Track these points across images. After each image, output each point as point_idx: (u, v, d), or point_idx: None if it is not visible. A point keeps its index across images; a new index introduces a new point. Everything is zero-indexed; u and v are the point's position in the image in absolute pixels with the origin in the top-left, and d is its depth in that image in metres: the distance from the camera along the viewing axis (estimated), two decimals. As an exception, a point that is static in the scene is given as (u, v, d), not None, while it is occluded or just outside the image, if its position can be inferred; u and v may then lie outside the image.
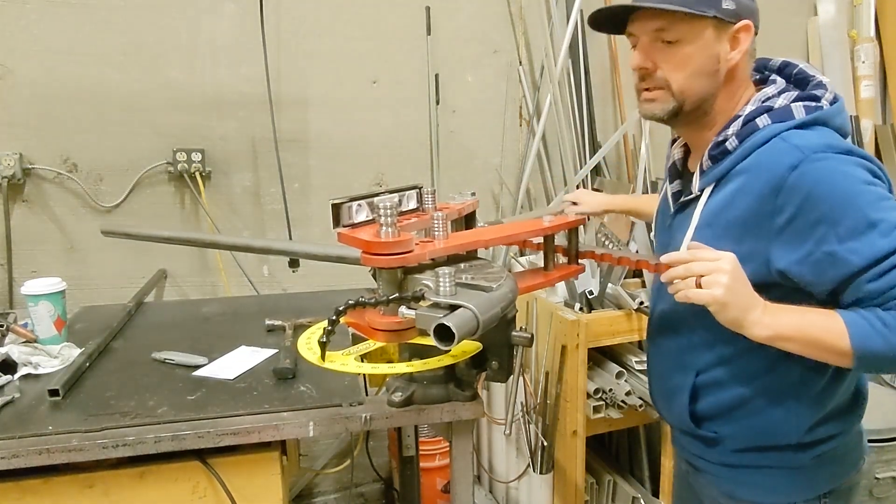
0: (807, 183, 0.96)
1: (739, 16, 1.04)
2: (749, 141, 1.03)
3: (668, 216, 1.21)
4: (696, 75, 1.05)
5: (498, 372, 1.21)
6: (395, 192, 1.28)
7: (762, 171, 1.00)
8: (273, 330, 1.70)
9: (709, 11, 1.01)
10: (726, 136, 1.06)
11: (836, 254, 0.95)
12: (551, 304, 2.12)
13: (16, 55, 2.04)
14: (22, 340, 1.55)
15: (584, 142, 2.59)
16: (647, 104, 1.11)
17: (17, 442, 1.15)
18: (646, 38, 1.07)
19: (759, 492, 1.16)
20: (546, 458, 2.15)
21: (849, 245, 0.94)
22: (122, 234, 1.65)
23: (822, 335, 0.96)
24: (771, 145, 1.01)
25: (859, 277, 0.95)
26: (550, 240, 1.36)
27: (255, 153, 2.31)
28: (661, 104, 1.08)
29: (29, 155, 2.09)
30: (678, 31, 1.03)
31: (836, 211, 0.95)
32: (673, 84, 1.06)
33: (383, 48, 2.40)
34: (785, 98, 1.05)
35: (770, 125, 1.03)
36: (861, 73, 3.06)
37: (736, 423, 1.14)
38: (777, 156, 0.99)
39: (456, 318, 0.95)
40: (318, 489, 2.56)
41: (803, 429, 1.11)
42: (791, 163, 0.97)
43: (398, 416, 1.27)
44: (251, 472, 1.27)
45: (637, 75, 1.10)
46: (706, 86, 1.06)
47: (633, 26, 1.08)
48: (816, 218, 0.96)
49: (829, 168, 0.96)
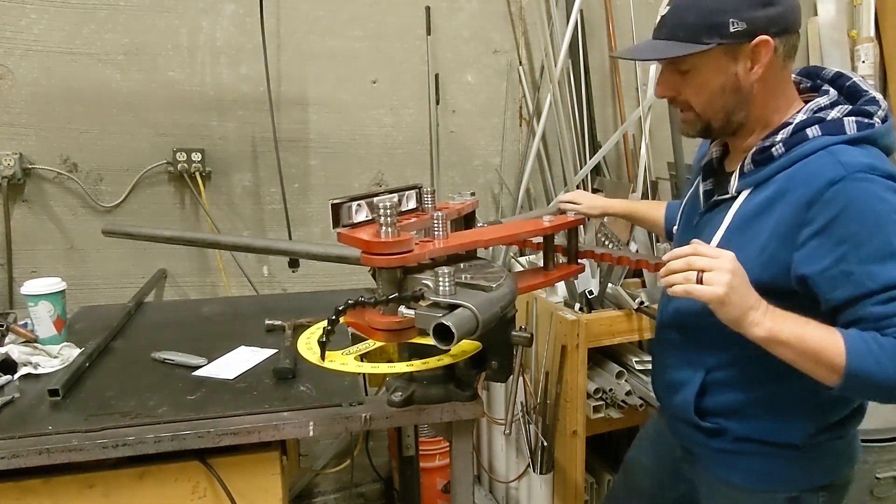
0: (842, 200, 0.97)
1: (753, 33, 1.03)
2: (796, 150, 1.04)
3: (696, 214, 1.22)
4: (716, 97, 1.08)
5: (498, 372, 1.21)
6: (395, 192, 1.28)
7: (803, 182, 1.01)
8: (273, 330, 1.70)
9: (712, 42, 1.02)
10: (773, 143, 1.07)
11: (852, 274, 0.97)
12: (551, 304, 2.12)
13: (16, 55, 2.04)
14: (22, 340, 1.55)
15: (584, 142, 2.59)
16: (683, 124, 1.16)
17: (17, 442, 1.15)
18: (665, 68, 1.12)
19: (756, 478, 1.17)
20: (546, 458, 2.15)
21: (868, 268, 0.96)
22: (123, 234, 1.65)
23: (819, 347, 0.97)
24: (817, 157, 1.01)
25: (866, 300, 0.96)
26: (550, 240, 1.36)
27: (255, 153, 2.31)
28: (692, 125, 1.14)
29: (29, 155, 2.09)
30: (689, 62, 1.07)
31: (864, 233, 0.96)
32: (696, 107, 1.11)
33: (383, 48, 2.40)
34: (838, 111, 1.05)
35: (820, 137, 1.03)
36: (861, 73, 3.06)
37: (739, 422, 1.17)
38: (820, 169, 1.00)
39: (455, 317, 0.95)
40: (318, 489, 2.56)
41: (805, 435, 1.13)
42: (832, 178, 0.98)
43: (398, 415, 1.27)
44: (251, 472, 1.27)
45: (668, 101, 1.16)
46: (729, 103, 1.08)
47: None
48: (843, 235, 0.97)
49: (867, 190, 0.97)
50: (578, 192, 1.64)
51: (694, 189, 1.26)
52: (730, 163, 1.21)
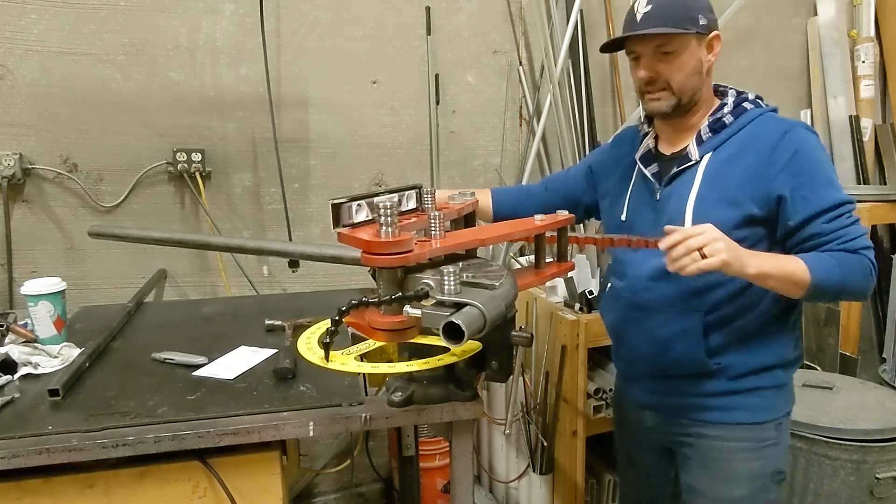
0: (794, 143, 1.31)
1: (711, 29, 1.35)
2: (741, 118, 1.38)
3: (653, 193, 1.43)
4: (690, 76, 1.35)
5: (498, 372, 1.21)
6: (395, 192, 1.28)
7: (760, 137, 1.34)
8: (273, 330, 1.70)
9: (692, 29, 1.32)
10: (723, 115, 1.39)
11: (807, 197, 1.28)
12: (551, 304, 2.12)
13: (16, 55, 2.04)
14: (22, 340, 1.55)
15: (584, 142, 2.59)
16: (654, 103, 1.38)
17: (17, 442, 1.15)
18: (648, 54, 1.34)
19: (754, 412, 1.40)
20: (546, 458, 2.15)
21: (819, 192, 1.29)
22: (111, 236, 1.64)
23: (791, 270, 1.24)
24: (760, 121, 1.37)
25: (818, 218, 1.27)
26: (541, 238, 1.36)
27: (255, 153, 2.31)
28: (666, 101, 1.37)
29: (29, 155, 2.09)
30: (673, 45, 1.33)
31: (812, 167, 1.30)
32: (673, 84, 1.35)
33: (383, 48, 2.40)
34: (751, 95, 1.43)
35: (754, 109, 1.39)
36: (861, 73, 3.06)
37: (740, 352, 1.38)
38: (770, 126, 1.35)
39: (464, 315, 0.96)
40: (318, 489, 2.56)
41: (788, 348, 1.41)
42: (783, 129, 1.33)
43: (398, 416, 1.27)
44: (251, 472, 1.26)
45: (643, 82, 1.37)
46: (696, 82, 1.36)
47: (637, 46, 1.36)
48: (799, 168, 1.30)
49: (807, 137, 1.33)
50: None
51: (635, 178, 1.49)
52: (666, 147, 1.46)
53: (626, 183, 1.50)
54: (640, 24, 1.32)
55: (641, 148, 1.49)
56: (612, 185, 1.55)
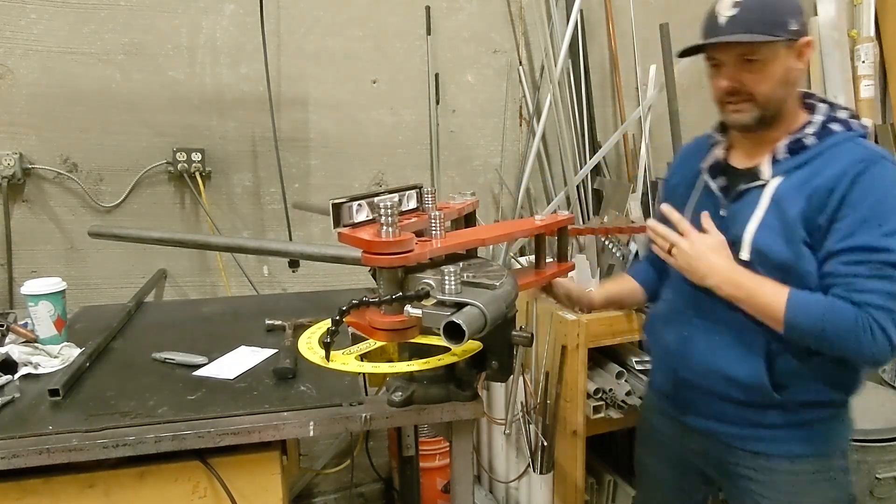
0: (865, 173, 1.17)
1: (801, 34, 1.23)
2: (827, 141, 1.25)
3: (718, 208, 1.33)
4: (776, 86, 1.23)
5: (498, 372, 1.21)
6: (396, 192, 1.28)
7: (835, 163, 1.21)
8: (273, 330, 1.70)
9: (781, 36, 1.20)
10: (805, 135, 1.26)
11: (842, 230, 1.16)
12: (551, 304, 2.12)
13: (16, 55, 2.04)
14: (22, 340, 1.55)
15: (584, 142, 2.59)
16: (735, 114, 1.27)
17: (17, 442, 1.15)
18: (731, 62, 1.24)
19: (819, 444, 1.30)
20: (546, 458, 2.15)
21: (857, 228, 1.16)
22: (111, 236, 1.64)
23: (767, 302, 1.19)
24: (847, 146, 1.23)
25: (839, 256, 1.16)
26: (542, 239, 1.37)
27: (255, 153, 2.31)
28: (749, 113, 1.25)
29: (29, 155, 2.09)
30: (759, 53, 1.21)
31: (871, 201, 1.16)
32: (758, 96, 1.24)
33: (383, 48, 2.40)
34: (843, 114, 1.29)
35: (841, 132, 1.26)
36: (861, 73, 3.06)
37: (806, 382, 1.27)
38: (849, 153, 1.21)
39: (465, 315, 0.96)
40: (318, 489, 2.56)
41: (853, 377, 1.30)
42: (861, 157, 1.20)
43: (398, 415, 1.27)
44: (251, 472, 1.26)
45: (724, 92, 1.27)
46: (782, 94, 1.25)
47: (718, 53, 1.25)
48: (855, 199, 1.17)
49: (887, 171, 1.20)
50: (568, 284, 1.61)
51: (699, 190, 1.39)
52: (739, 160, 1.35)
53: (692, 191, 1.41)
54: (724, 28, 1.21)
55: (709, 158, 1.38)
56: (678, 196, 1.44)
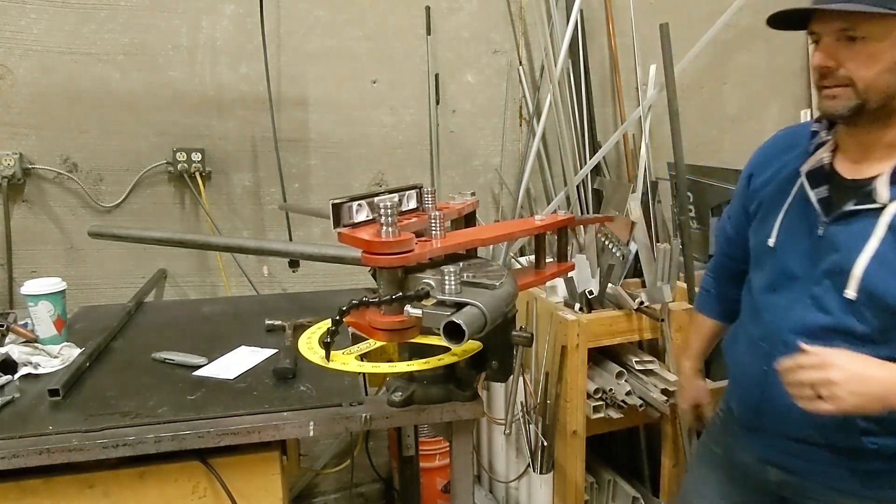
0: None
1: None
2: None
3: (814, 223, 1.13)
4: (884, 73, 1.01)
5: (498, 372, 1.21)
6: (395, 192, 1.28)
7: None
8: (273, 330, 1.70)
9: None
10: None
11: None
12: (551, 304, 2.12)
13: (16, 55, 2.04)
14: (22, 340, 1.55)
15: (584, 142, 2.58)
16: (828, 101, 1.06)
17: (17, 442, 1.15)
18: (829, 37, 1.03)
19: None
20: (546, 458, 2.15)
21: None
22: (111, 236, 1.64)
23: None
24: None
25: None
26: (542, 238, 1.36)
27: (255, 153, 2.31)
28: (844, 101, 1.04)
29: (29, 155, 2.09)
30: (865, 28, 0.99)
31: None
32: (858, 82, 1.02)
33: (383, 48, 2.40)
34: None
35: None
36: (861, 73, 3.05)
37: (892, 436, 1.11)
38: None
39: (465, 315, 0.96)
40: (318, 489, 2.56)
41: None
42: None
43: (398, 415, 1.27)
44: (251, 472, 1.26)
45: (818, 73, 1.06)
46: (893, 83, 1.01)
47: (817, 25, 1.04)
48: None
49: None
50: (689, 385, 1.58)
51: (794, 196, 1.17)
52: (846, 167, 1.12)
53: (782, 198, 1.19)
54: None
55: (812, 160, 1.15)
56: (767, 194, 1.24)
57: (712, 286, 1.53)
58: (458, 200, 1.40)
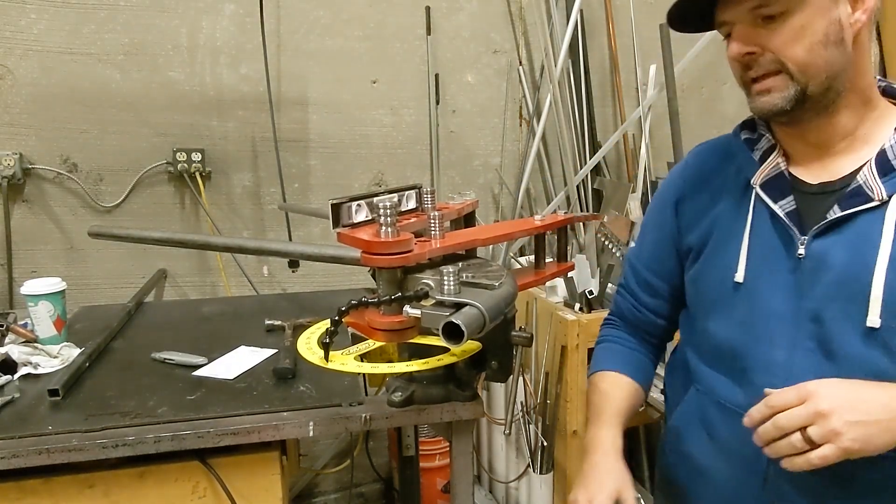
0: None
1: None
2: None
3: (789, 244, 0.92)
4: (818, 46, 0.84)
5: (498, 372, 1.21)
6: (395, 192, 1.28)
7: None
8: (273, 330, 1.70)
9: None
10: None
11: None
12: (551, 304, 2.12)
13: (16, 55, 2.04)
14: (22, 340, 1.55)
15: (584, 142, 2.59)
16: (761, 97, 0.88)
17: (17, 442, 1.15)
18: (742, 23, 0.87)
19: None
20: (546, 458, 2.15)
21: None
22: (111, 236, 1.64)
23: None
24: None
25: None
26: (542, 238, 1.36)
27: (255, 153, 2.31)
28: (781, 92, 0.86)
29: (29, 155, 2.09)
30: (782, 2, 0.83)
31: None
32: (790, 63, 0.85)
33: (383, 48, 2.40)
34: None
35: None
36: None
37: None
38: None
39: (464, 315, 0.96)
40: (318, 489, 2.56)
41: None
42: None
43: (398, 416, 1.27)
44: (251, 472, 1.26)
45: (740, 65, 0.89)
46: (832, 58, 0.85)
47: (724, 12, 0.88)
48: None
49: None
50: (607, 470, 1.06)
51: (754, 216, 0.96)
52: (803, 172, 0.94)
53: (738, 222, 0.97)
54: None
55: (767, 167, 0.95)
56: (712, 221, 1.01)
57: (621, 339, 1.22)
58: (458, 200, 1.40)
